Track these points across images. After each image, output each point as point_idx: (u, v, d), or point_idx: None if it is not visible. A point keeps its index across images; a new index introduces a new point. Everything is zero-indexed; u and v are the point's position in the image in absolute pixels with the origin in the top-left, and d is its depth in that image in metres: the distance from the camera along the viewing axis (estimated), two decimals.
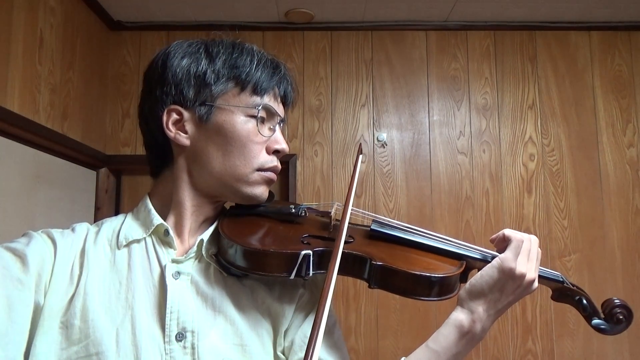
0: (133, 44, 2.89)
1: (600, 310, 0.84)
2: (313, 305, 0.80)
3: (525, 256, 0.76)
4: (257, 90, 0.78)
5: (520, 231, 0.80)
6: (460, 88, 2.89)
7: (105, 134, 2.82)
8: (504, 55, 2.91)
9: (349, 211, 0.74)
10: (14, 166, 2.06)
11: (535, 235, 0.80)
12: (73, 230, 0.78)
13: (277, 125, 0.82)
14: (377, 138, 2.83)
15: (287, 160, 2.74)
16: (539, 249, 0.79)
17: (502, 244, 0.80)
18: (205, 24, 2.86)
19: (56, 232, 0.76)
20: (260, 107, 0.78)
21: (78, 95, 2.49)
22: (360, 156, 0.90)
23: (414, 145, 2.84)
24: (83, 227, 0.79)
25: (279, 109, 0.83)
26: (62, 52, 2.34)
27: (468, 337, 0.74)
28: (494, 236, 0.82)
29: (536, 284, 0.77)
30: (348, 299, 2.69)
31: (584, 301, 0.83)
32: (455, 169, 2.82)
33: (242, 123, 0.77)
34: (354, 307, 2.69)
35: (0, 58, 1.94)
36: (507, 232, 0.79)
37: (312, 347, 0.55)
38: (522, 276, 0.74)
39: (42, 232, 0.75)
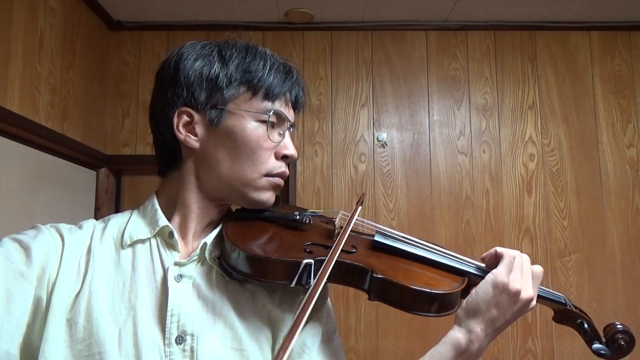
0: (133, 44, 2.89)
1: (601, 334, 0.82)
2: (313, 313, 0.79)
3: (519, 272, 0.75)
4: (269, 96, 0.78)
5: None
6: (460, 88, 2.89)
7: (105, 134, 2.82)
8: (504, 55, 2.91)
9: (337, 257, 0.73)
10: (14, 166, 2.06)
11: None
12: (80, 227, 0.78)
13: (287, 131, 0.82)
14: (377, 138, 2.84)
15: None
16: (541, 267, 0.79)
17: (494, 261, 0.79)
18: (205, 24, 2.86)
19: (64, 228, 0.76)
20: (271, 113, 0.78)
21: (78, 95, 2.49)
22: (359, 208, 0.88)
23: (414, 145, 2.84)
24: (90, 224, 0.79)
25: (290, 114, 0.83)
26: (62, 52, 2.34)
27: (465, 357, 0.74)
28: (485, 254, 0.81)
29: (534, 302, 0.76)
30: (348, 299, 2.69)
31: (585, 325, 0.82)
32: (455, 169, 2.82)
33: (253, 128, 0.77)
34: (354, 307, 2.69)
35: (0, 58, 1.94)
36: (499, 249, 0.79)
37: (289, 341, 0.55)
38: (517, 292, 0.73)
39: (50, 226, 0.75)
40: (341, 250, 0.77)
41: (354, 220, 0.83)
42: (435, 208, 2.79)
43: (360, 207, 0.90)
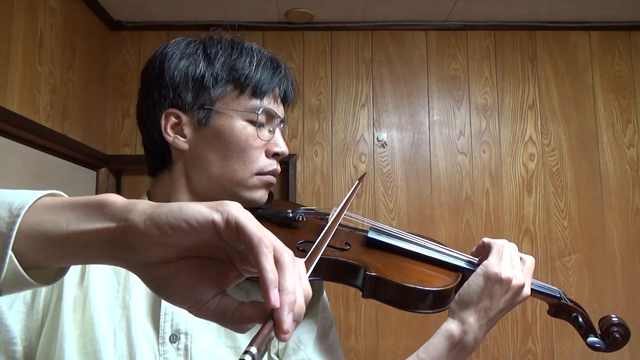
0: (133, 44, 2.89)
1: (596, 327, 0.82)
2: (308, 309, 0.80)
3: (509, 260, 0.76)
4: (257, 93, 0.77)
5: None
6: (460, 88, 2.89)
7: (105, 134, 2.82)
8: (504, 55, 2.91)
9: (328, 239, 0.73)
10: (14, 166, 2.06)
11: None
12: None
13: (277, 127, 0.81)
14: (377, 138, 2.83)
15: (287, 160, 2.74)
16: (531, 256, 0.79)
17: (483, 252, 0.79)
18: (205, 24, 2.85)
19: None
20: (260, 112, 0.77)
21: (78, 95, 2.49)
22: (360, 185, 0.88)
23: (414, 145, 2.84)
24: None
25: (279, 110, 0.82)
26: (62, 52, 2.34)
27: (459, 348, 0.74)
28: (473, 248, 0.82)
29: (527, 291, 0.77)
30: (348, 299, 2.69)
31: (580, 319, 0.82)
32: (455, 169, 2.82)
33: (241, 128, 0.77)
34: (354, 307, 2.69)
35: (0, 58, 1.94)
36: (486, 240, 0.79)
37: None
38: (509, 280, 0.74)
39: None
40: (335, 247, 0.77)
41: (354, 197, 0.82)
42: (435, 208, 2.79)
43: (360, 184, 0.89)
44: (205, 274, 0.41)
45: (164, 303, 0.71)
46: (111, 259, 0.41)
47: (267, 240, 0.37)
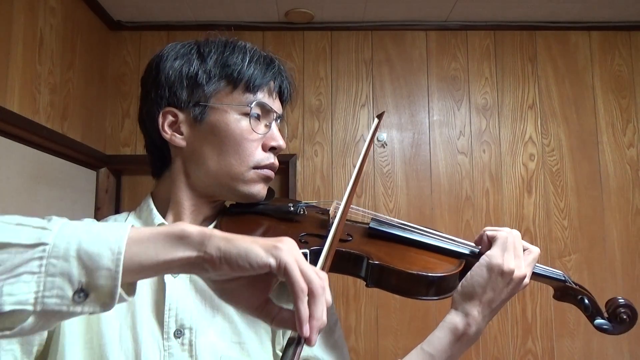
0: (133, 44, 2.89)
1: (603, 309, 0.82)
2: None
3: (512, 251, 0.76)
4: (250, 88, 0.78)
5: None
6: (460, 88, 2.89)
7: (105, 134, 2.82)
8: (504, 55, 2.91)
9: (350, 204, 0.74)
10: (14, 166, 2.06)
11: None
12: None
13: (274, 122, 0.82)
14: (377, 138, 2.83)
15: (287, 160, 2.74)
16: (537, 247, 0.79)
17: (486, 242, 0.80)
18: (205, 24, 2.86)
19: None
20: (253, 104, 0.78)
21: (78, 95, 2.49)
22: (379, 122, 0.88)
23: (414, 145, 2.84)
24: (88, 222, 0.80)
25: (275, 105, 0.82)
26: (62, 52, 2.34)
27: (463, 340, 0.75)
28: (476, 237, 0.82)
29: (527, 279, 0.77)
30: (348, 298, 2.69)
31: (586, 301, 0.82)
32: (455, 169, 2.82)
33: (236, 122, 0.78)
34: (354, 307, 2.69)
35: (0, 58, 1.94)
36: (489, 233, 0.79)
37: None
38: (511, 272, 0.74)
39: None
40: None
41: (374, 137, 0.82)
42: (435, 208, 2.79)
43: (379, 122, 0.89)
44: (256, 287, 0.54)
45: (167, 299, 0.72)
46: (188, 273, 0.56)
47: (303, 285, 0.49)
